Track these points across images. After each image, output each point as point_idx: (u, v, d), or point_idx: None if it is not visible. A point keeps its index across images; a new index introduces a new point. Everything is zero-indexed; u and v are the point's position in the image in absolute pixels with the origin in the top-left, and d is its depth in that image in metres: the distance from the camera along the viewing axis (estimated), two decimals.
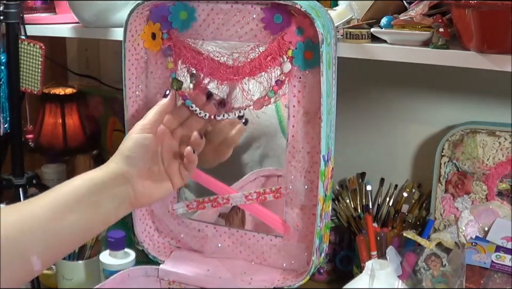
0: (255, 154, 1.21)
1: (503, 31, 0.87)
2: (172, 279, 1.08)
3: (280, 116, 1.16)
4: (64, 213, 0.83)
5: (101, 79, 1.71)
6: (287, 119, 1.00)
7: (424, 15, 1.00)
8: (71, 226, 0.84)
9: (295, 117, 0.98)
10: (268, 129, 1.18)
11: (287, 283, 1.02)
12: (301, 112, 0.97)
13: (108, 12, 1.24)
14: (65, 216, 0.83)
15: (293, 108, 0.98)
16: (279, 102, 1.08)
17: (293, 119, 0.98)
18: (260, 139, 1.19)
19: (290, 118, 0.98)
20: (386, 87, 1.33)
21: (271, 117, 1.15)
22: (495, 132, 1.16)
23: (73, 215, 0.84)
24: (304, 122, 0.98)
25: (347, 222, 1.28)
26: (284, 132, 1.16)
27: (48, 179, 1.64)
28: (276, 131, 1.18)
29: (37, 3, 1.47)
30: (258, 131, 1.18)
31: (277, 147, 1.18)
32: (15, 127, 1.26)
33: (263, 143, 1.20)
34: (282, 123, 1.16)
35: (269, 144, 1.20)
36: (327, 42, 0.91)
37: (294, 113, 0.98)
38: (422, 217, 1.22)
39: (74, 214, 0.84)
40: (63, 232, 0.83)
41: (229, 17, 0.98)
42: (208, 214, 1.14)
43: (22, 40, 1.26)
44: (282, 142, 1.13)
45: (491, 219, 1.15)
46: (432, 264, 1.06)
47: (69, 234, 0.84)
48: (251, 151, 1.21)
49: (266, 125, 1.17)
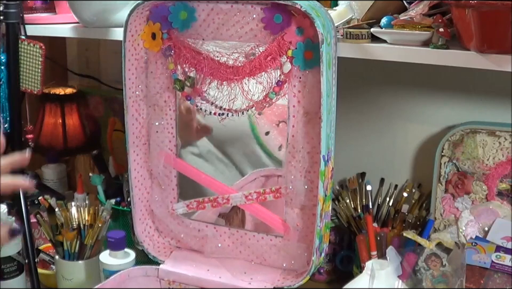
0: (231, 159, 1.22)
1: (503, 31, 0.87)
2: (172, 279, 1.09)
3: (252, 124, 1.17)
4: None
5: (101, 79, 1.71)
6: (258, 126, 1.01)
7: (424, 15, 1.00)
8: None
9: (295, 117, 0.98)
10: (241, 136, 1.18)
11: (287, 283, 1.02)
12: (301, 112, 0.97)
13: (108, 12, 1.24)
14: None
15: (293, 108, 0.98)
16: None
17: (293, 119, 0.98)
18: (233, 145, 1.19)
19: (290, 118, 0.98)
20: (386, 87, 1.33)
21: (243, 124, 1.15)
22: (495, 132, 1.16)
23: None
24: (304, 122, 0.98)
25: (347, 222, 1.28)
26: (258, 138, 1.17)
27: (48, 179, 1.64)
28: (249, 138, 1.18)
29: (37, 3, 1.47)
30: (231, 138, 1.18)
31: (250, 153, 1.19)
32: (15, 127, 1.25)
33: (236, 150, 1.20)
34: (255, 131, 1.16)
35: (243, 150, 1.20)
36: (327, 42, 0.91)
37: (294, 113, 0.98)
38: (422, 217, 1.22)
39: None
40: None
41: (229, 17, 0.98)
42: (208, 214, 1.14)
43: (22, 40, 1.26)
44: (256, 148, 1.14)
45: (491, 219, 1.15)
46: (432, 264, 1.06)
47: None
48: (226, 156, 1.22)
49: (239, 131, 1.17)
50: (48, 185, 1.55)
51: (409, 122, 1.32)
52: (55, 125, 1.62)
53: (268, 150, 1.19)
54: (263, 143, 1.19)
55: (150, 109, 1.10)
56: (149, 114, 1.11)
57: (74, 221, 1.21)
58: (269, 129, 1.19)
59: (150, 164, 1.13)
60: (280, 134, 1.18)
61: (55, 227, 1.21)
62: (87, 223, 1.21)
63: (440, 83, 1.26)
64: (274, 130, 1.19)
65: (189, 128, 1.19)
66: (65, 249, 1.21)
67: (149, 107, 1.10)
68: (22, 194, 1.29)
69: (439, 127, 1.28)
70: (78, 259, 1.21)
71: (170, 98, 1.09)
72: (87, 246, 1.21)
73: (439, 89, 1.27)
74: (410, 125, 1.32)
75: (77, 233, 1.20)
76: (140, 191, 1.13)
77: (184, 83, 1.05)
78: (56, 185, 1.64)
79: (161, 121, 1.10)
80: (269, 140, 1.19)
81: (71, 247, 1.21)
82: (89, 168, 1.64)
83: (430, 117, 1.29)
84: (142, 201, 1.14)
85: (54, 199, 1.25)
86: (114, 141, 1.57)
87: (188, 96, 1.06)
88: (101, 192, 1.38)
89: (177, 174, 1.12)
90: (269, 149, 1.19)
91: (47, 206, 1.22)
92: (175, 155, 1.11)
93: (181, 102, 1.11)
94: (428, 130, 1.29)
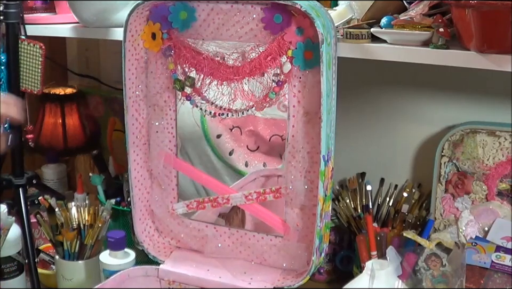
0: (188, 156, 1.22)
1: (503, 31, 0.87)
2: (172, 279, 1.09)
3: (204, 125, 1.17)
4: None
5: (101, 79, 1.71)
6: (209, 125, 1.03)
7: (424, 15, 1.00)
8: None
9: (295, 117, 0.98)
10: (193, 136, 1.19)
11: (287, 283, 1.02)
12: (301, 112, 0.97)
13: (108, 12, 1.24)
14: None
15: (293, 108, 0.98)
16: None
17: (293, 119, 0.98)
18: (188, 144, 1.20)
19: (290, 118, 0.98)
20: (386, 87, 1.33)
21: (194, 125, 1.16)
22: (495, 132, 1.16)
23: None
24: (304, 122, 0.98)
25: (347, 222, 1.28)
26: (208, 140, 1.17)
27: (48, 179, 1.64)
28: (201, 139, 1.19)
29: (37, 3, 1.47)
30: (186, 136, 1.18)
31: (202, 154, 1.19)
32: (15, 127, 1.25)
33: (188, 150, 1.20)
34: (207, 132, 1.17)
35: (194, 150, 1.20)
36: (327, 42, 0.91)
37: (294, 113, 0.98)
38: (422, 217, 1.22)
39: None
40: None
41: (229, 17, 0.98)
42: (208, 214, 1.14)
43: (22, 40, 1.26)
44: (207, 149, 1.16)
45: (491, 219, 1.15)
46: (432, 264, 1.06)
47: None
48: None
49: (190, 131, 1.18)
50: (48, 185, 1.55)
51: (409, 122, 1.32)
52: (55, 125, 1.62)
53: (218, 153, 1.20)
54: (214, 145, 1.20)
55: (150, 109, 1.10)
56: (149, 114, 1.11)
57: (74, 221, 1.21)
58: (221, 132, 1.19)
59: (150, 164, 1.13)
60: (232, 139, 1.18)
61: (55, 227, 1.21)
62: (87, 223, 1.21)
63: (440, 83, 1.26)
64: (227, 134, 1.19)
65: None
66: (65, 249, 1.21)
67: (149, 107, 1.10)
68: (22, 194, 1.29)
69: (439, 127, 1.28)
70: (78, 259, 1.21)
71: (170, 98, 1.09)
72: (87, 246, 1.21)
73: (439, 89, 1.27)
74: (410, 125, 1.32)
75: (77, 233, 1.20)
76: (139, 191, 1.13)
77: (184, 83, 1.05)
78: (56, 185, 1.64)
79: (161, 121, 1.10)
80: (219, 143, 1.20)
81: (71, 247, 1.21)
82: (89, 168, 1.64)
83: (430, 117, 1.29)
84: (142, 201, 1.14)
85: (54, 199, 1.25)
86: (114, 141, 1.57)
87: (187, 96, 1.06)
88: (101, 192, 1.38)
89: (177, 174, 1.12)
90: (219, 152, 1.20)
91: (47, 206, 1.22)
92: (175, 155, 1.11)
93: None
94: (428, 130, 1.29)
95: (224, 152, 1.21)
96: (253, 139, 1.19)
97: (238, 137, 1.19)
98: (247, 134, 1.19)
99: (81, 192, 1.48)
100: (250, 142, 1.19)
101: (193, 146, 1.20)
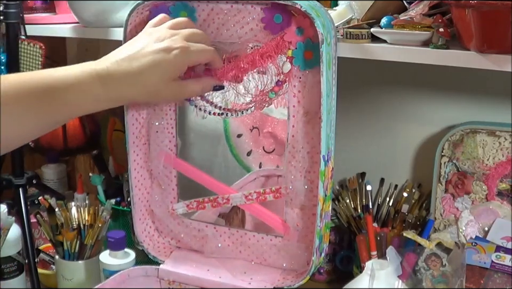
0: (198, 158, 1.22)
1: (503, 31, 0.87)
2: (172, 279, 1.08)
3: (226, 124, 1.17)
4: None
5: None
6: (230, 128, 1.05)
7: (424, 15, 1.00)
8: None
9: (295, 117, 0.98)
10: (213, 134, 1.18)
11: (287, 283, 1.02)
12: (301, 112, 0.97)
13: (107, 12, 1.24)
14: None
15: (293, 108, 0.98)
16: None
17: (293, 119, 0.98)
18: (205, 143, 1.19)
19: (290, 118, 0.98)
20: (386, 87, 1.33)
21: (217, 122, 1.16)
22: (495, 132, 1.16)
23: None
24: (304, 122, 0.98)
25: (347, 222, 1.28)
26: (228, 139, 1.17)
27: (48, 179, 1.64)
28: (220, 138, 1.18)
29: (37, 3, 1.47)
30: (204, 134, 1.18)
31: (219, 153, 1.19)
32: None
33: (206, 148, 1.20)
34: (228, 131, 1.17)
35: (212, 149, 1.20)
36: (327, 42, 0.91)
37: (294, 113, 0.98)
38: (422, 217, 1.22)
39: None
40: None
41: (229, 17, 0.98)
42: (208, 214, 1.14)
43: (22, 40, 1.26)
44: (224, 149, 1.15)
45: (491, 219, 1.15)
46: (432, 264, 1.06)
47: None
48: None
49: (212, 129, 1.17)
50: (48, 185, 1.55)
51: (409, 122, 1.32)
52: None
53: (235, 152, 1.20)
54: (232, 144, 1.19)
55: (150, 109, 1.10)
56: (149, 114, 1.11)
57: (74, 221, 1.21)
58: (242, 132, 1.19)
59: (150, 164, 1.13)
60: (251, 139, 1.18)
61: (55, 227, 1.21)
62: (87, 223, 1.21)
63: (440, 83, 1.26)
64: (248, 134, 1.19)
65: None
66: (65, 249, 1.21)
67: (149, 107, 1.10)
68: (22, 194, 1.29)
69: (439, 127, 1.28)
70: (78, 259, 1.21)
71: None
72: (87, 246, 1.21)
73: (439, 89, 1.27)
74: (410, 125, 1.32)
75: (77, 233, 1.20)
76: (139, 191, 1.13)
77: None
78: (56, 185, 1.64)
79: (161, 121, 1.10)
80: (239, 143, 1.19)
81: (71, 247, 1.21)
82: (89, 168, 1.64)
83: (430, 117, 1.29)
84: (142, 201, 1.14)
85: (54, 199, 1.25)
86: (114, 141, 1.57)
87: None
88: (101, 192, 1.39)
89: (177, 174, 1.12)
90: (237, 152, 1.20)
91: (47, 206, 1.22)
92: (175, 155, 1.11)
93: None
94: (428, 130, 1.30)
95: (242, 152, 1.20)
96: (270, 141, 1.19)
97: (257, 138, 1.19)
98: (265, 135, 1.19)
99: (81, 192, 1.48)
100: (267, 144, 1.19)
101: (211, 145, 1.20)
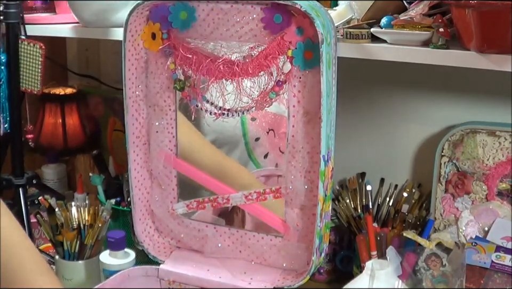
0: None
1: (503, 31, 0.87)
2: (172, 279, 1.09)
3: (245, 129, 1.17)
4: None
5: (101, 79, 1.71)
6: (249, 133, 1.05)
7: (424, 15, 1.00)
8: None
9: (295, 117, 0.98)
10: (231, 140, 1.18)
11: (287, 283, 1.02)
12: (301, 112, 0.97)
13: (108, 12, 1.24)
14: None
15: (293, 108, 0.98)
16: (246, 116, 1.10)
17: (293, 119, 0.98)
18: (222, 148, 1.20)
19: (290, 118, 0.98)
20: (386, 87, 1.33)
21: (235, 128, 1.16)
22: (495, 132, 1.16)
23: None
24: (304, 122, 0.98)
25: (347, 222, 1.28)
26: (247, 144, 1.17)
27: (48, 179, 1.64)
28: (238, 142, 1.18)
29: (37, 3, 1.47)
30: (221, 140, 1.18)
31: (237, 158, 1.19)
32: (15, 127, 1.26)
33: (225, 152, 1.20)
34: (246, 136, 1.17)
35: (229, 154, 1.20)
36: (327, 42, 0.91)
37: (294, 113, 0.98)
38: (422, 217, 1.22)
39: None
40: None
41: (228, 17, 0.98)
42: (208, 214, 1.14)
43: (22, 40, 1.26)
44: (243, 154, 1.15)
45: (491, 219, 1.15)
46: (432, 264, 1.06)
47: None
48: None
49: (230, 135, 1.18)
50: (48, 185, 1.55)
51: (409, 122, 1.32)
52: (55, 125, 1.63)
53: (253, 156, 1.20)
54: (250, 148, 1.20)
55: (150, 109, 1.10)
56: (149, 114, 1.11)
57: (74, 221, 1.21)
58: (259, 135, 1.19)
59: (150, 164, 1.13)
60: (268, 142, 1.18)
61: (55, 227, 1.21)
62: (87, 223, 1.21)
63: (440, 83, 1.26)
64: (265, 137, 1.19)
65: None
66: (65, 249, 1.21)
67: (149, 107, 1.10)
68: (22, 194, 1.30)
69: (439, 127, 1.28)
70: (78, 259, 1.21)
71: (170, 98, 1.09)
72: (87, 246, 1.21)
73: (439, 89, 1.27)
74: (410, 125, 1.32)
75: (77, 233, 1.20)
76: (139, 191, 1.13)
77: (184, 83, 1.05)
78: (56, 185, 1.64)
79: (161, 121, 1.10)
80: (257, 146, 1.19)
81: (71, 247, 1.21)
82: (89, 168, 1.64)
83: (430, 117, 1.29)
84: (142, 201, 1.14)
85: (54, 199, 1.25)
86: (114, 141, 1.57)
87: (188, 96, 1.06)
88: (101, 192, 1.38)
89: (177, 174, 1.12)
90: (255, 156, 1.20)
91: (47, 206, 1.22)
92: (175, 155, 1.11)
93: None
94: (428, 130, 1.29)
95: (259, 156, 1.20)
96: (285, 142, 1.20)
97: (273, 140, 1.19)
98: (281, 135, 1.19)
99: (81, 192, 1.48)
100: (283, 144, 1.20)
101: (228, 150, 1.20)
